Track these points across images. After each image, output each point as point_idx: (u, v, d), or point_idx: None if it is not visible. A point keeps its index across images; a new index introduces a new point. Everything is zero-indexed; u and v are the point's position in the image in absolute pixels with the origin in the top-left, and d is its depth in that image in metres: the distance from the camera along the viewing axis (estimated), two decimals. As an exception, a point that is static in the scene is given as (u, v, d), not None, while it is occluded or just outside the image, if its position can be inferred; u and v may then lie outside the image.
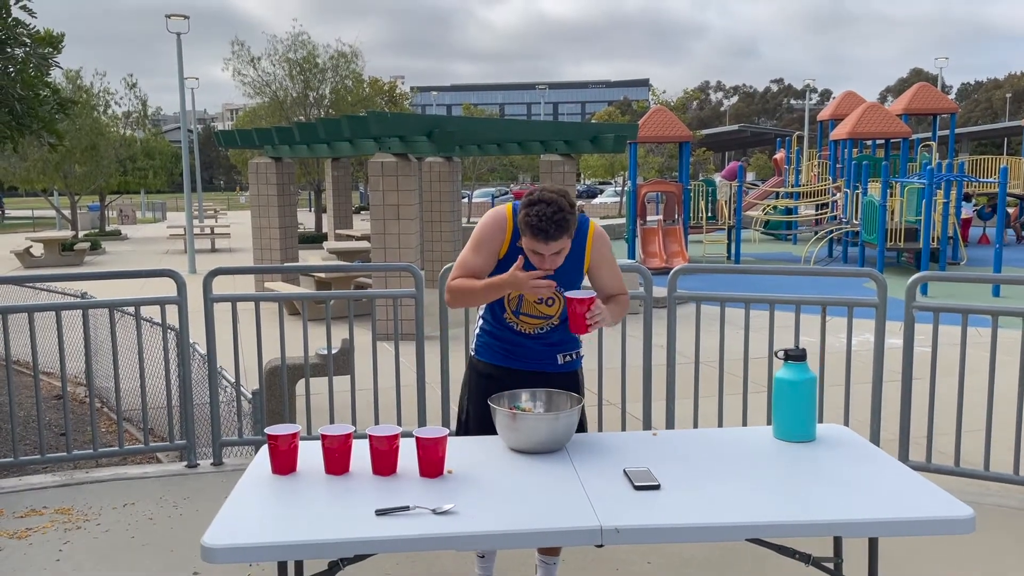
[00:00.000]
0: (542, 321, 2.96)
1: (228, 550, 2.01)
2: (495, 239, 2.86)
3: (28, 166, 24.95)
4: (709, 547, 3.68)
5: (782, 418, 2.73)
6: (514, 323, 2.96)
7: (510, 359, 3.00)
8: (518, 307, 2.93)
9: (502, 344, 3.00)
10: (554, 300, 2.92)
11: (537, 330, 2.97)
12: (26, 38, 6.00)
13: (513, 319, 2.95)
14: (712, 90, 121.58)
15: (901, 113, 21.93)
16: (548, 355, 3.01)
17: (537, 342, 2.99)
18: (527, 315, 2.94)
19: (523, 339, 2.97)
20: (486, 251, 2.87)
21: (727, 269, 5.21)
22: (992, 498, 4.24)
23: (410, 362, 4.80)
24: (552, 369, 3.01)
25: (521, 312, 2.94)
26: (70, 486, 4.49)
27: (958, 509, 2.17)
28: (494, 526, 2.11)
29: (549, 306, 2.93)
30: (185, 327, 4.68)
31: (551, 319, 2.96)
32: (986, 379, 4.23)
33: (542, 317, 2.95)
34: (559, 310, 2.95)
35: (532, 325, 2.96)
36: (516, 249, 2.84)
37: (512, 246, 2.85)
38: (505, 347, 3.00)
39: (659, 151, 36.59)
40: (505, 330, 2.97)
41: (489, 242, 2.87)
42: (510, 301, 2.92)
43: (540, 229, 2.65)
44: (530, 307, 2.93)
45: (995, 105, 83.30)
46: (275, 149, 13.81)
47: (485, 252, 2.87)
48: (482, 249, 2.87)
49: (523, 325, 2.96)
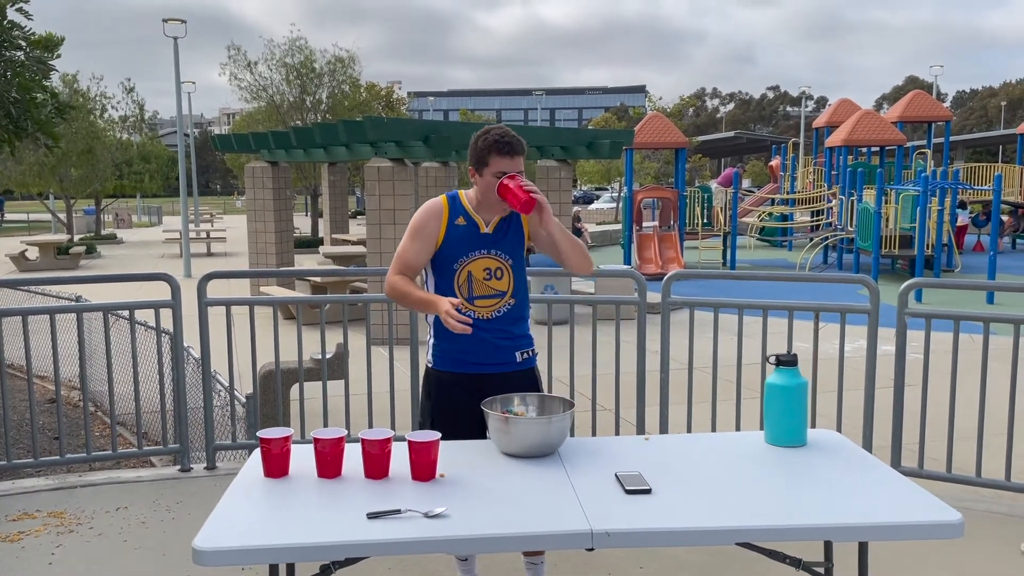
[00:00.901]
0: (496, 301, 2.98)
1: (219, 553, 2.02)
2: (430, 225, 2.94)
3: (24, 169, 24.93)
4: (701, 552, 3.69)
5: (774, 423, 2.74)
6: (471, 311, 2.94)
7: (469, 363, 2.98)
8: (470, 292, 2.95)
9: (460, 347, 2.96)
10: (503, 271, 2.97)
11: (495, 312, 2.98)
12: (22, 41, 6.01)
13: (469, 307, 2.95)
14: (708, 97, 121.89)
15: (896, 120, 22.02)
16: (507, 352, 3.01)
17: (496, 334, 2.97)
18: (481, 297, 2.96)
19: (483, 331, 2.93)
20: (422, 239, 2.94)
21: (721, 275, 5.23)
22: (983, 504, 4.25)
23: (405, 367, 4.80)
24: (511, 368, 3.01)
25: (475, 296, 2.96)
26: (63, 490, 4.48)
27: (947, 514, 2.19)
28: (485, 529, 2.11)
29: (499, 279, 2.97)
30: (179, 331, 4.68)
31: (504, 296, 2.98)
32: (978, 386, 4.24)
33: (495, 295, 2.97)
34: (511, 284, 2.99)
35: (488, 307, 2.97)
36: (455, 228, 2.93)
37: (450, 226, 2.93)
38: (463, 348, 2.96)
39: (655, 157, 36.65)
40: None
41: (424, 229, 2.94)
42: (460, 288, 2.95)
43: (506, 143, 2.83)
44: (480, 287, 2.95)
45: (990, 113, 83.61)
46: (271, 153, 13.82)
47: (421, 240, 2.95)
48: (418, 237, 2.95)
49: (479, 311, 2.96)
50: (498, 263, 2.97)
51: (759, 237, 23.82)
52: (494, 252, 2.96)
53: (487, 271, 2.95)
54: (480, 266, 2.95)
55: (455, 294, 2.94)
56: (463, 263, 2.94)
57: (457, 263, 2.94)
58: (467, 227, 2.94)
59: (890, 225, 16.68)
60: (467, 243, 2.93)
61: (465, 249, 2.94)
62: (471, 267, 2.94)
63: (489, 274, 2.96)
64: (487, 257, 2.95)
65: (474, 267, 2.94)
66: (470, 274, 2.94)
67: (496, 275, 2.97)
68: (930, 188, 15.38)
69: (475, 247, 2.94)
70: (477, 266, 2.94)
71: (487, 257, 2.95)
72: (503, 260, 2.98)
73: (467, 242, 2.93)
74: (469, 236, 2.94)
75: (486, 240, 2.95)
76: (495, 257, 2.96)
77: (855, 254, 17.30)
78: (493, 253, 2.96)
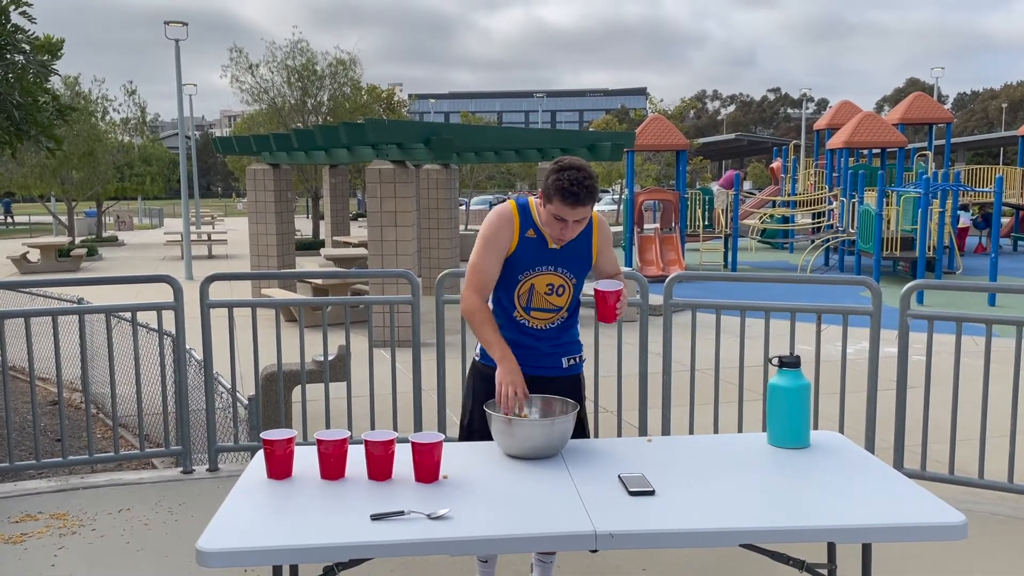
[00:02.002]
0: (552, 315, 2.98)
1: (223, 554, 2.02)
2: (503, 235, 2.88)
3: (25, 172, 24.96)
4: (705, 554, 3.69)
5: (776, 424, 2.74)
6: (525, 320, 2.96)
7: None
8: (528, 303, 2.95)
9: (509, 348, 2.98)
10: (564, 289, 2.96)
11: (548, 325, 2.99)
12: (25, 44, 6.02)
13: (524, 316, 2.96)
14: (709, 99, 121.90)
15: (897, 123, 22.00)
16: (554, 358, 3.02)
17: (546, 343, 3.00)
18: (538, 310, 2.96)
19: (532, 339, 2.97)
20: (496, 249, 2.88)
21: (723, 277, 5.23)
22: (986, 506, 4.25)
23: (407, 368, 4.80)
24: (557, 373, 3.02)
25: (532, 308, 2.95)
26: (65, 491, 4.48)
27: (950, 515, 2.18)
28: (489, 531, 2.11)
29: (560, 295, 2.96)
30: (181, 333, 4.68)
31: (560, 311, 2.99)
32: (980, 388, 4.24)
33: (552, 310, 2.97)
34: (569, 300, 2.99)
35: (543, 320, 2.98)
36: (526, 241, 2.87)
37: (522, 239, 2.88)
38: (512, 350, 2.97)
39: (656, 159, 36.66)
40: (514, 329, 2.96)
41: (497, 239, 2.88)
42: (520, 297, 2.94)
43: (571, 193, 2.69)
44: (540, 300, 2.95)
45: (991, 115, 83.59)
46: (273, 156, 13.83)
47: (495, 250, 2.88)
48: (492, 248, 2.88)
49: (534, 321, 2.97)
50: (562, 280, 2.94)
51: (760, 239, 23.82)
52: (561, 270, 2.93)
53: (550, 286, 2.94)
54: (544, 281, 2.93)
55: (513, 304, 2.94)
56: (528, 276, 2.91)
57: (522, 275, 2.91)
58: (537, 240, 2.89)
59: (891, 227, 16.68)
60: (535, 257, 2.89)
61: (532, 263, 2.90)
62: (535, 280, 2.92)
63: (551, 290, 2.94)
64: (553, 273, 2.93)
65: (538, 281, 2.92)
66: (533, 287, 2.92)
67: (558, 291, 2.96)
68: (931, 190, 15.38)
69: (543, 262, 2.91)
70: (542, 280, 2.92)
71: (553, 273, 2.93)
72: (568, 279, 2.95)
73: (535, 256, 2.89)
74: (538, 250, 2.89)
75: (554, 256, 2.91)
76: (561, 275, 2.94)
77: (856, 256, 17.29)
78: (560, 271, 2.93)
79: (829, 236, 19.22)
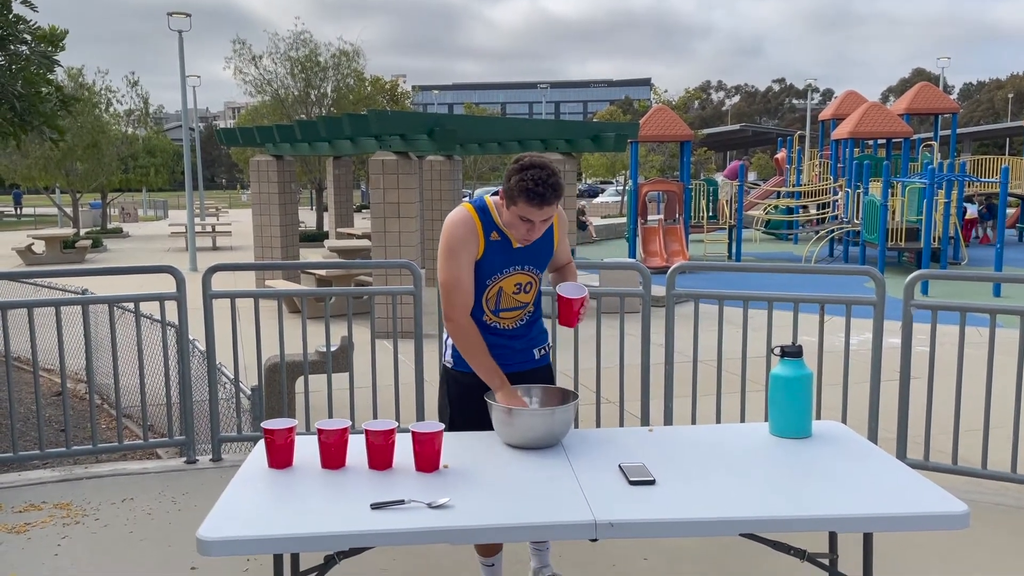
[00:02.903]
0: (520, 312, 2.96)
1: (224, 543, 2.02)
2: (470, 244, 2.78)
3: (30, 163, 24.99)
4: (705, 543, 3.69)
5: (778, 414, 2.74)
6: (496, 322, 2.93)
7: None
8: (497, 306, 2.91)
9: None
10: (531, 285, 2.94)
11: (517, 323, 2.96)
12: (27, 34, 6.02)
13: (494, 319, 2.92)
14: (714, 89, 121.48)
15: (903, 113, 21.91)
16: (527, 352, 3.01)
17: (517, 340, 2.97)
18: (507, 310, 2.93)
19: (504, 339, 2.94)
20: (466, 258, 2.79)
21: (726, 267, 5.22)
22: (989, 496, 4.24)
23: (409, 359, 4.80)
24: (531, 366, 3.01)
25: (501, 310, 2.92)
26: (69, 481, 4.50)
27: (952, 505, 2.18)
28: (489, 520, 2.11)
29: (527, 292, 2.94)
30: (184, 323, 4.69)
31: (527, 307, 2.97)
32: (984, 378, 4.23)
33: (520, 307, 2.95)
34: (535, 295, 2.97)
35: (512, 319, 2.95)
36: (491, 244, 2.81)
37: (487, 243, 2.80)
38: None
39: (660, 150, 36.58)
40: (485, 332, 2.90)
41: (466, 248, 2.78)
42: (488, 301, 2.89)
43: (537, 194, 2.62)
44: (509, 300, 2.91)
45: (997, 105, 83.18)
46: (276, 147, 13.83)
47: (467, 261, 2.79)
48: (461, 257, 2.78)
49: (504, 322, 2.94)
50: (529, 277, 2.91)
51: (765, 230, 23.78)
52: (527, 268, 2.89)
53: (517, 286, 2.90)
54: (512, 282, 2.89)
55: (482, 309, 2.89)
56: (497, 279, 2.86)
57: (491, 279, 2.85)
58: (501, 242, 2.82)
59: (896, 218, 16.64)
60: (502, 259, 2.83)
61: (500, 265, 2.84)
62: (504, 283, 2.87)
63: (519, 288, 2.91)
64: (520, 273, 2.89)
65: (506, 283, 2.88)
66: (501, 289, 2.88)
67: (525, 289, 2.93)
68: (936, 181, 15.32)
69: (510, 263, 2.85)
70: (509, 282, 2.88)
71: (520, 273, 2.89)
72: (534, 275, 2.93)
73: (503, 258, 2.83)
74: (504, 251, 2.82)
75: (519, 255, 2.86)
76: (527, 272, 2.90)
77: (861, 247, 17.25)
78: (527, 269, 2.89)
79: (834, 227, 19.17)
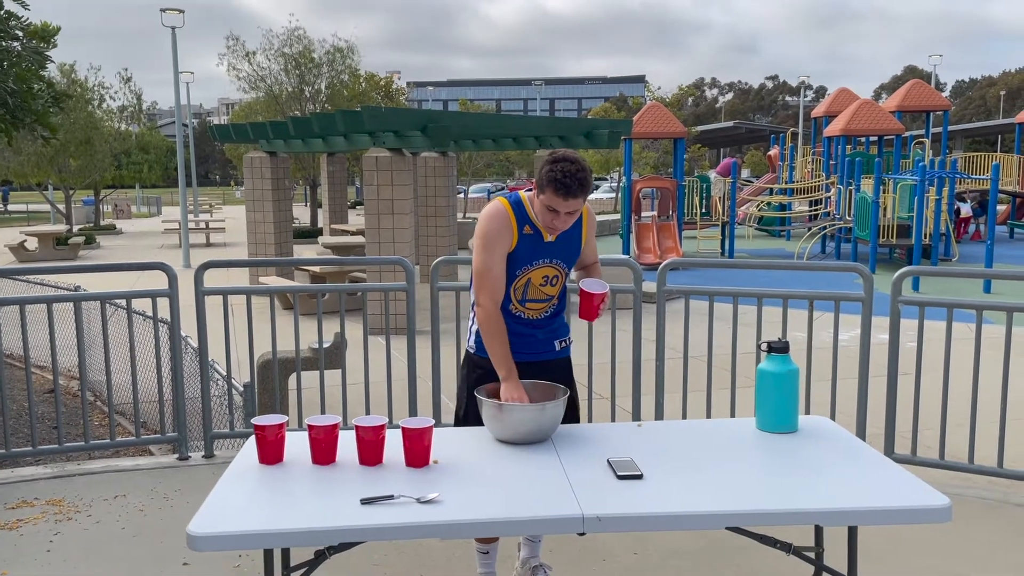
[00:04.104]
0: (545, 304, 3.04)
1: (213, 538, 2.04)
2: (505, 236, 2.89)
3: (22, 160, 24.91)
4: (695, 538, 3.72)
5: (765, 409, 2.76)
6: (521, 312, 3.01)
7: (512, 352, 3.00)
8: (524, 296, 2.99)
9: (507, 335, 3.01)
10: (558, 279, 3.02)
11: (542, 314, 3.04)
12: (19, 31, 6.01)
13: (520, 308, 3.01)
14: (707, 87, 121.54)
15: (894, 110, 21.97)
16: (548, 343, 3.08)
17: (540, 330, 3.05)
18: (533, 300, 3.01)
19: (528, 328, 3.03)
20: (501, 250, 2.89)
21: (717, 263, 5.24)
22: (975, 491, 4.28)
23: (402, 355, 4.82)
24: (551, 357, 3.07)
25: (527, 300, 3.00)
26: (61, 478, 4.51)
27: (935, 499, 2.21)
28: (477, 514, 2.13)
29: (553, 286, 3.02)
30: (176, 320, 4.70)
31: (552, 300, 3.05)
32: (970, 374, 4.26)
33: (545, 300, 3.03)
34: (560, 289, 3.05)
35: (537, 310, 3.03)
36: (524, 237, 2.90)
37: (520, 236, 2.90)
38: (509, 338, 2.99)
39: (654, 147, 36.60)
40: (511, 321, 2.99)
41: (501, 240, 2.89)
42: (516, 291, 2.98)
43: (564, 185, 2.73)
44: (536, 292, 2.99)
45: (989, 103, 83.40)
46: (270, 143, 13.81)
47: (500, 251, 2.90)
48: (497, 249, 2.89)
49: (529, 312, 3.02)
50: (556, 271, 3.00)
51: (758, 227, 23.82)
52: (555, 261, 2.98)
53: (545, 278, 2.99)
54: (541, 274, 2.97)
55: (509, 298, 2.97)
56: (526, 271, 2.95)
57: (520, 270, 2.94)
58: (534, 236, 2.91)
59: (888, 215, 16.68)
60: (533, 252, 2.93)
61: (530, 257, 2.93)
62: (532, 275, 2.96)
63: (546, 281, 2.99)
64: (548, 266, 2.97)
65: (535, 275, 2.96)
66: (529, 280, 2.97)
67: (552, 282, 3.01)
68: (928, 178, 15.38)
69: (539, 256, 2.94)
70: (538, 274, 2.97)
71: (548, 266, 2.97)
72: (561, 269, 3.01)
73: (533, 251, 2.93)
74: (535, 244, 2.92)
75: (549, 249, 2.95)
76: (555, 266, 2.99)
77: (853, 243, 17.30)
78: (555, 262, 2.98)
79: (826, 224, 19.23)
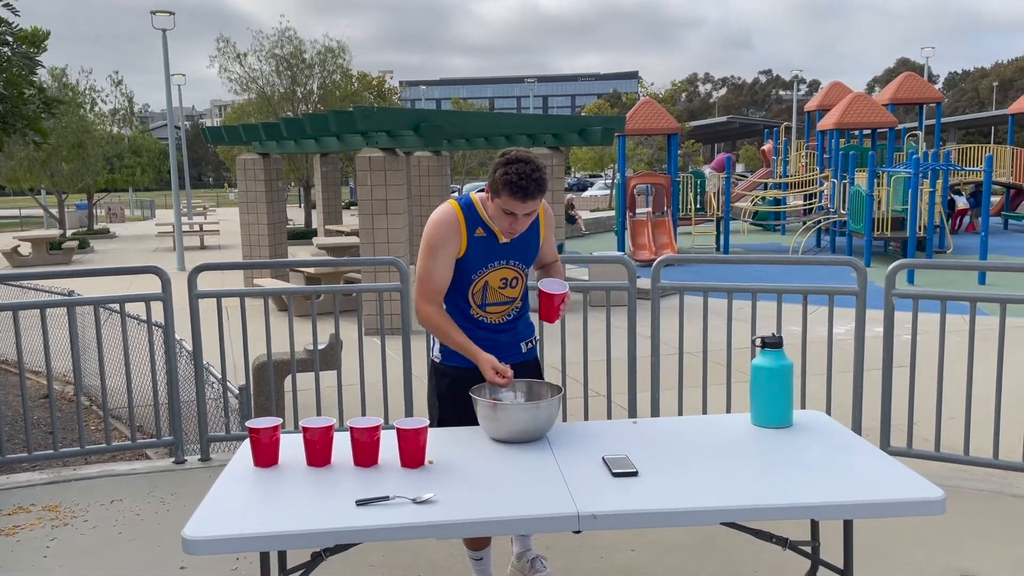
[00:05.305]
0: (507, 307, 2.98)
1: (209, 542, 2.03)
2: (450, 242, 2.81)
3: (14, 165, 24.82)
4: (692, 534, 3.72)
5: (760, 404, 2.76)
6: (483, 316, 2.95)
7: None
8: (483, 300, 2.93)
9: None
10: (517, 280, 2.96)
11: (504, 317, 2.99)
12: (9, 36, 5.99)
13: (481, 313, 2.95)
14: (700, 82, 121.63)
15: (887, 103, 22.00)
16: (513, 346, 3.03)
17: (504, 334, 2.99)
18: (494, 304, 2.95)
19: (491, 332, 2.96)
20: (443, 256, 2.82)
21: (711, 259, 5.25)
22: (971, 482, 4.29)
23: (397, 356, 4.82)
24: (517, 359, 3.01)
25: (488, 304, 2.94)
26: (58, 483, 4.50)
27: (929, 491, 2.21)
28: (473, 514, 2.13)
29: (514, 287, 2.96)
30: (171, 323, 4.69)
31: (514, 302, 2.99)
32: (965, 365, 4.27)
33: (507, 302, 2.97)
34: (521, 290, 2.99)
35: (499, 313, 2.97)
36: (475, 241, 2.83)
37: (471, 240, 2.83)
38: None
39: (648, 143, 36.63)
40: (472, 326, 2.93)
41: (445, 247, 2.81)
42: (474, 295, 2.91)
43: (521, 187, 2.65)
44: (495, 295, 2.93)
45: (982, 94, 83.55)
46: (263, 145, 13.79)
47: (443, 258, 2.82)
48: (439, 255, 2.82)
49: (491, 316, 2.97)
50: (515, 272, 2.93)
51: (752, 222, 23.85)
52: (512, 262, 2.91)
53: (503, 280, 2.92)
54: (498, 276, 2.91)
55: (468, 303, 2.91)
56: (482, 274, 2.88)
57: (476, 274, 2.88)
58: (487, 238, 2.84)
59: (882, 208, 16.71)
60: (487, 254, 2.85)
61: (485, 260, 2.86)
62: (489, 277, 2.89)
63: (505, 283, 2.93)
64: (506, 267, 2.91)
65: (492, 277, 2.90)
66: (487, 283, 2.90)
67: (511, 284, 2.95)
68: (921, 170, 15.41)
69: (494, 258, 2.87)
70: (495, 276, 2.90)
71: (506, 267, 2.91)
72: (520, 270, 2.95)
73: (487, 253, 2.85)
74: (489, 247, 2.85)
75: (505, 251, 2.88)
76: (513, 267, 2.92)
77: (848, 237, 17.33)
78: (512, 263, 2.91)
79: (820, 217, 19.25)
